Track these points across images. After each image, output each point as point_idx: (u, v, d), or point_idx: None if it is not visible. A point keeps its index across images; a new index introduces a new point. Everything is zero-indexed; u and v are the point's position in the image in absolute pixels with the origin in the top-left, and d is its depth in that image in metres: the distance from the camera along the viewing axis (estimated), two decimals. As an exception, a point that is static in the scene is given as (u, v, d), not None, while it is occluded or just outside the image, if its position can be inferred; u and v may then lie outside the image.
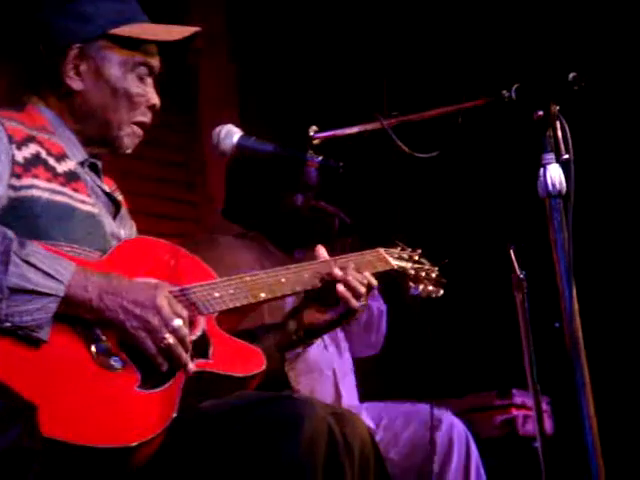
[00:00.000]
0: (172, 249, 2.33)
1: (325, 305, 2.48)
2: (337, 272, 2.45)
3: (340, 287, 2.43)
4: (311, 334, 2.50)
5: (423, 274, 2.75)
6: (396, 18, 5.07)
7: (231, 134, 2.46)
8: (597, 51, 4.46)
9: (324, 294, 2.47)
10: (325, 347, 3.43)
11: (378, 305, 3.58)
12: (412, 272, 2.72)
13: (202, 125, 4.58)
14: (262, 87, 4.94)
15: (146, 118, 2.37)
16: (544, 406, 3.94)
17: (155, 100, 2.38)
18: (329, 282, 2.45)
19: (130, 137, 2.36)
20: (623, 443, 4.21)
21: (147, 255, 2.27)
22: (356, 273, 2.47)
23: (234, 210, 3.48)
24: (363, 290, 2.46)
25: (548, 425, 4.09)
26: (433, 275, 2.78)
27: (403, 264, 2.71)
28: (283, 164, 2.47)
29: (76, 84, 2.30)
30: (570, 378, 2.18)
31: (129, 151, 2.37)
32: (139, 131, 2.37)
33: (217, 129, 2.48)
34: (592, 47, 4.49)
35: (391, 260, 2.67)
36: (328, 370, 3.45)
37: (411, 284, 2.72)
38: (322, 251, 2.56)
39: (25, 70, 2.35)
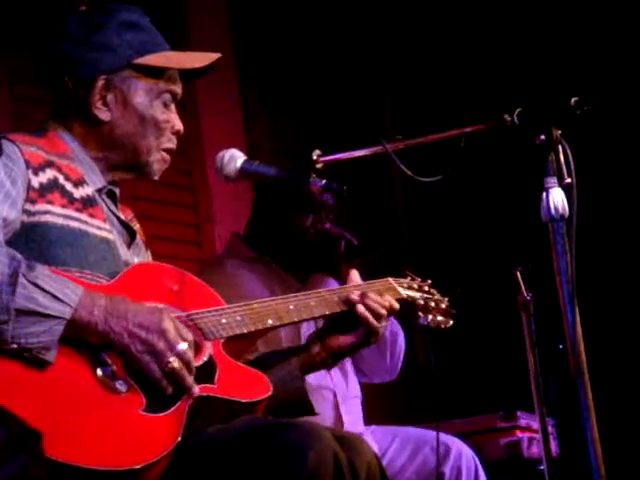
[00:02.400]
0: (180, 274, 2.33)
1: (344, 330, 2.50)
2: (354, 297, 2.48)
3: (360, 308, 2.46)
4: (335, 357, 2.53)
5: (432, 304, 2.76)
6: (400, 42, 5.10)
7: (235, 158, 2.47)
8: (599, 75, 4.48)
9: (341, 320, 2.50)
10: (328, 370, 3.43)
11: (392, 329, 3.55)
12: (421, 302, 2.73)
13: (205, 148, 4.60)
14: (267, 109, 4.96)
15: (172, 144, 2.41)
16: (549, 428, 3.93)
17: (179, 126, 2.41)
18: (349, 307, 2.48)
19: (159, 163, 2.39)
20: (628, 466, 4.20)
21: (155, 280, 2.28)
22: (376, 296, 2.50)
23: (253, 236, 3.50)
24: (383, 312, 2.48)
25: (553, 447, 4.07)
26: (443, 306, 2.79)
27: (412, 294, 2.72)
28: (296, 189, 2.47)
29: (104, 114, 2.33)
30: (575, 400, 2.18)
31: (156, 177, 2.40)
32: (167, 157, 2.40)
33: (221, 153, 2.49)
34: (594, 71, 4.50)
35: (400, 290, 2.68)
36: (328, 393, 3.44)
37: (420, 314, 2.73)
38: (355, 275, 2.59)
39: (52, 99, 2.37)
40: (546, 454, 2.87)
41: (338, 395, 3.45)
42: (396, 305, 2.54)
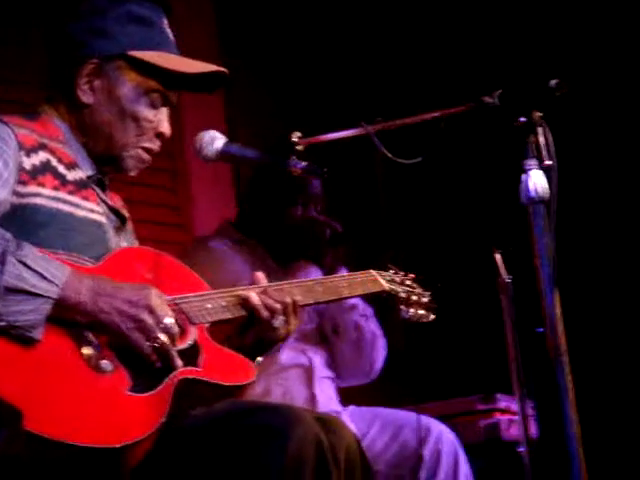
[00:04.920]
0: (163, 259, 2.34)
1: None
2: (253, 296, 2.34)
3: (254, 298, 2.34)
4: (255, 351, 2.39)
5: (415, 298, 2.77)
6: (380, 25, 5.09)
7: (215, 140, 2.46)
8: (579, 57, 4.49)
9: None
10: (301, 349, 3.44)
11: (372, 328, 3.55)
12: (403, 295, 2.75)
13: (185, 129, 4.58)
14: (247, 92, 4.94)
15: (153, 145, 2.37)
16: (528, 410, 3.95)
17: (163, 129, 2.38)
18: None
19: (134, 159, 2.36)
20: (606, 447, 4.23)
21: (139, 264, 2.28)
22: (274, 292, 2.37)
23: (243, 221, 3.54)
24: (278, 307, 2.34)
25: (532, 430, 4.09)
26: (424, 300, 2.80)
27: (394, 287, 2.73)
28: (289, 177, 2.45)
29: (87, 97, 2.32)
30: (554, 382, 2.19)
31: (133, 173, 2.38)
32: (145, 155, 2.37)
33: (201, 134, 2.48)
34: (574, 53, 4.51)
35: (383, 282, 2.69)
36: (301, 371, 3.44)
37: (402, 307, 2.74)
38: (261, 277, 2.44)
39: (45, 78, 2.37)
40: (525, 436, 2.88)
41: (313, 373, 3.45)
42: (298, 298, 2.38)
